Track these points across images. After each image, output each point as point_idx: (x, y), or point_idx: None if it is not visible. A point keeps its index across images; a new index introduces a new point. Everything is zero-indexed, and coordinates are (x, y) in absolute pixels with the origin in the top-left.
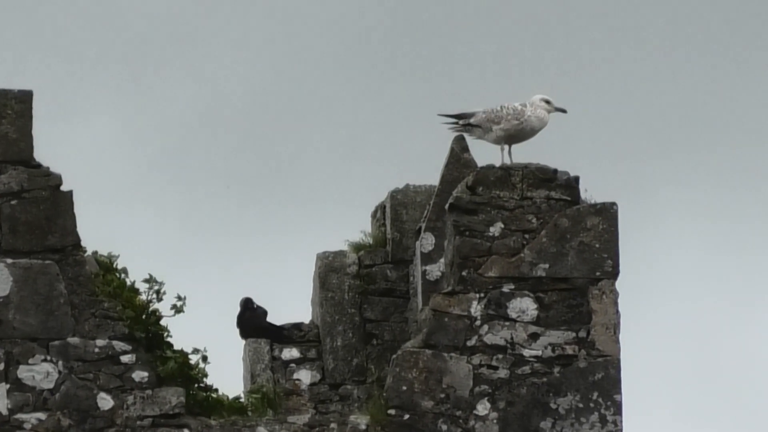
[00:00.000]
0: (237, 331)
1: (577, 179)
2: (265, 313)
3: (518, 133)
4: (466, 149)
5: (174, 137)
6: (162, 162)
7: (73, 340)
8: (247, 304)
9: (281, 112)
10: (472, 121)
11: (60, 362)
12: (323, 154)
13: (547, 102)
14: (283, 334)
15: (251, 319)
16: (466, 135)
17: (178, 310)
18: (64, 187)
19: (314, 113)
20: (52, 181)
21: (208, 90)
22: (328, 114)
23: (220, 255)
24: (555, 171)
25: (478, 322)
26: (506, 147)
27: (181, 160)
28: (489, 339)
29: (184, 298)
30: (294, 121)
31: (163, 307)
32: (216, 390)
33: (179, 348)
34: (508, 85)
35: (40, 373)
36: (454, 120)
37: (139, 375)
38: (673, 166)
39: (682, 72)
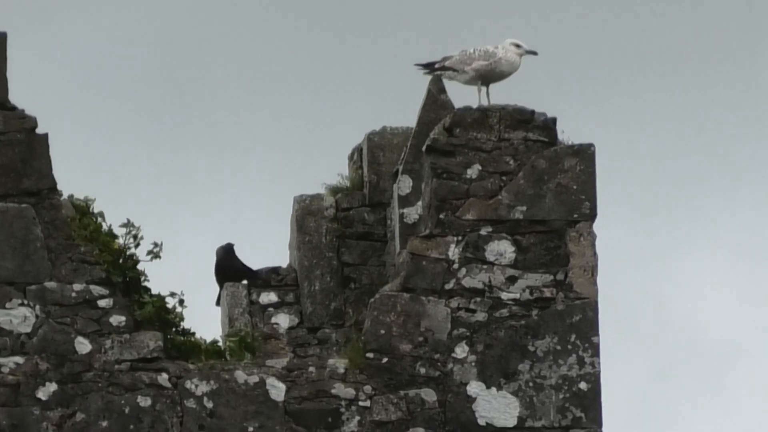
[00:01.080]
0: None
1: (554, 120)
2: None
3: (489, 74)
4: (443, 91)
5: (153, 82)
6: (139, 106)
7: (50, 284)
8: (229, 251)
9: (259, 54)
10: (446, 63)
11: (37, 306)
12: (300, 96)
13: (518, 45)
14: (259, 277)
15: (227, 261)
16: (442, 76)
17: (154, 255)
18: (39, 130)
19: (292, 56)
20: (28, 123)
21: (187, 28)
22: (306, 57)
23: (197, 199)
24: (532, 112)
25: (455, 266)
26: (483, 88)
27: (159, 104)
28: (467, 282)
29: (161, 243)
30: (271, 64)
31: (140, 252)
32: (194, 334)
33: (156, 292)
34: (483, 29)
35: (17, 317)
36: (428, 67)
37: (117, 319)
38: (650, 106)
39: (659, 8)
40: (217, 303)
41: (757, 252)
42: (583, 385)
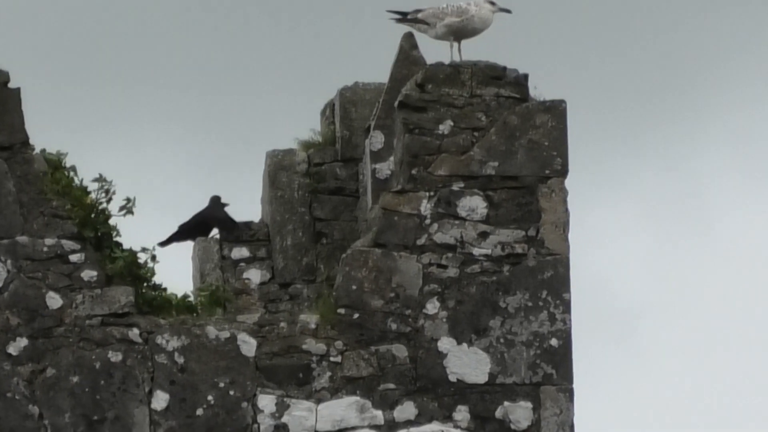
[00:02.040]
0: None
1: (526, 77)
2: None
3: (461, 30)
4: (415, 47)
5: (125, 37)
6: (112, 61)
7: (22, 238)
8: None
9: (230, 10)
10: (419, 15)
11: (8, 261)
12: (273, 52)
13: (492, 2)
14: (237, 228)
15: (217, 210)
16: (414, 32)
17: (127, 210)
18: (11, 84)
19: (264, 12)
20: (0, 78)
21: None
22: (278, 12)
23: (170, 153)
24: (504, 68)
25: (427, 221)
26: (455, 44)
27: (130, 59)
28: (439, 238)
29: (134, 199)
30: (243, 20)
31: (113, 207)
32: (165, 289)
33: (128, 248)
34: None
35: None
36: (401, 15)
37: (88, 274)
38: (622, 63)
39: None
40: (163, 244)
41: (665, 210)
42: (554, 342)
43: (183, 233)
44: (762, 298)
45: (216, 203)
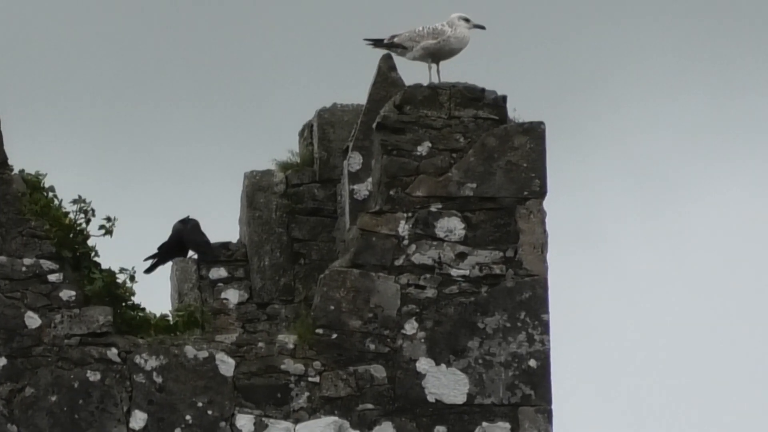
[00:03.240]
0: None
1: (504, 98)
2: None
3: (438, 51)
4: (393, 68)
5: (103, 52)
6: (91, 82)
7: (1, 258)
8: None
9: (208, 31)
10: (395, 40)
11: None
12: (251, 72)
13: (466, 20)
14: (212, 252)
15: (195, 234)
16: (393, 54)
17: (107, 231)
18: None
19: (242, 30)
20: None
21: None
22: (256, 31)
23: (148, 175)
24: (482, 90)
25: (405, 242)
26: (434, 66)
27: (110, 80)
28: (417, 258)
29: (114, 219)
30: (223, 39)
31: (92, 227)
32: (143, 309)
33: (107, 268)
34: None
35: None
36: (377, 41)
37: (67, 294)
38: (601, 85)
39: None
40: (149, 271)
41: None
42: (532, 363)
43: (162, 255)
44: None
45: (194, 227)
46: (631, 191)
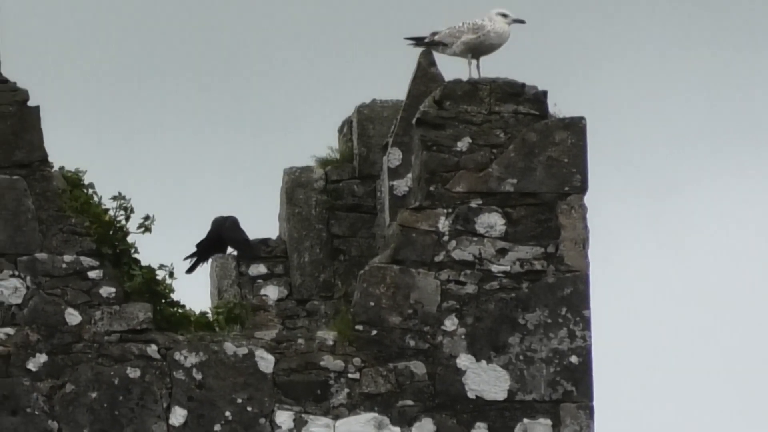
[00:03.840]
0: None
1: (545, 93)
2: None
3: (478, 46)
4: (433, 63)
5: (143, 55)
6: (130, 79)
7: (41, 255)
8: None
9: (248, 27)
10: (436, 38)
11: (28, 277)
12: (291, 69)
13: (504, 15)
14: (252, 248)
15: (235, 231)
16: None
17: (146, 228)
18: (31, 103)
19: (282, 28)
20: (19, 96)
21: (171, 3)
22: (297, 28)
23: (188, 172)
24: (523, 85)
25: (445, 238)
26: (474, 61)
27: (149, 77)
28: (457, 254)
29: (153, 216)
30: (262, 36)
31: (131, 224)
32: (183, 306)
33: (147, 264)
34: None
35: (8, 288)
36: (418, 40)
37: (107, 290)
38: (642, 79)
39: None
40: (190, 271)
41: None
42: (574, 359)
43: (202, 252)
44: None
45: (233, 225)
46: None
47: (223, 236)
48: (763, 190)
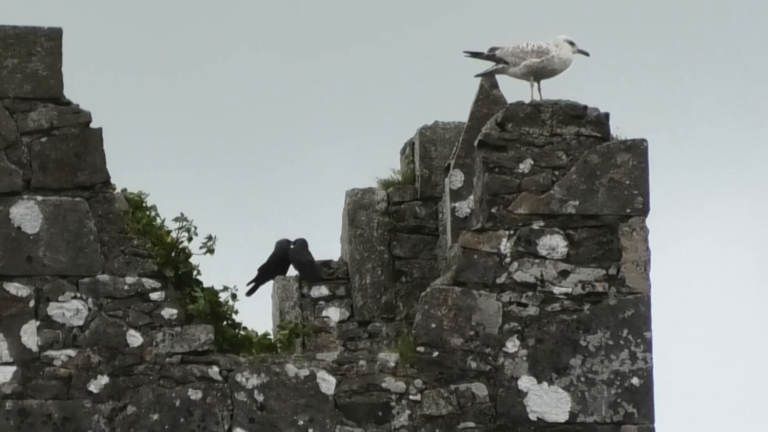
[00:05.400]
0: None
1: (607, 115)
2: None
3: (541, 71)
4: (495, 86)
5: (203, 80)
6: (192, 102)
7: (103, 277)
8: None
9: (312, 49)
10: (497, 53)
11: (90, 299)
12: (353, 91)
13: (571, 43)
14: (315, 270)
15: (296, 252)
16: (494, 72)
17: (208, 249)
18: (93, 125)
19: (345, 50)
20: (82, 118)
21: (234, 27)
22: (359, 51)
23: (251, 194)
24: (585, 107)
25: (507, 260)
26: (536, 83)
27: (210, 101)
28: (518, 276)
29: (215, 237)
30: (326, 59)
31: (193, 245)
32: (245, 327)
33: (209, 286)
34: (533, 24)
35: (70, 310)
36: (477, 54)
37: (169, 312)
38: (703, 101)
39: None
40: (250, 293)
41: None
42: (635, 381)
43: (263, 275)
44: None
45: (301, 246)
46: (735, 204)
47: (289, 256)
48: None
